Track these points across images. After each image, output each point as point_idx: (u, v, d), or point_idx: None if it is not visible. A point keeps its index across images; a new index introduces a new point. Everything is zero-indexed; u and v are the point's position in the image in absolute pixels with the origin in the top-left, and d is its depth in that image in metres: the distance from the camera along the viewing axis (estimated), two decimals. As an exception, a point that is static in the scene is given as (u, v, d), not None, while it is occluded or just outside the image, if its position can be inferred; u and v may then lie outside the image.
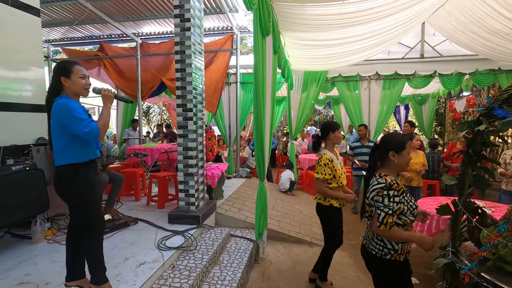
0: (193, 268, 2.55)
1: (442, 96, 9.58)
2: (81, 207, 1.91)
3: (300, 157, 7.43)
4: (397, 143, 1.72)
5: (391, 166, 1.73)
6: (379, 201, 1.64)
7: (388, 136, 1.82)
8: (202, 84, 3.74)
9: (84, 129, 1.76)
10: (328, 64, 5.93)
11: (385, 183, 1.64)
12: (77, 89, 1.90)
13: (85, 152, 1.90)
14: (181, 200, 3.51)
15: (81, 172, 1.87)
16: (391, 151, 1.71)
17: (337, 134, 2.71)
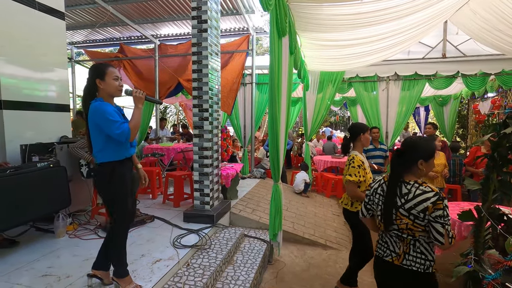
0: (207, 266, 2.58)
1: (465, 97, 9.22)
2: (114, 203, 2.03)
3: (315, 159, 7.35)
4: (427, 152, 1.58)
5: (419, 173, 1.59)
6: (444, 216, 1.45)
7: (415, 142, 1.63)
8: (218, 84, 3.77)
9: (116, 131, 1.87)
10: (345, 65, 5.83)
11: (435, 192, 1.48)
12: (110, 90, 1.99)
13: (120, 151, 2.01)
14: (196, 199, 3.55)
15: (117, 170, 1.99)
16: (420, 160, 1.56)
17: (367, 135, 2.63)
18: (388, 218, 1.59)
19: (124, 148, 2.03)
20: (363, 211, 1.81)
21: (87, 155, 3.35)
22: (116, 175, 1.99)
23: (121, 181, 2.01)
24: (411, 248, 1.58)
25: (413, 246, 1.57)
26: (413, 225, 1.52)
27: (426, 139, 1.64)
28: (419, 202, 1.49)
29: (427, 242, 1.56)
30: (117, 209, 2.03)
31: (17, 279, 2.18)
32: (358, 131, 2.61)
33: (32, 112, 3.50)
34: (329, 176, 6.33)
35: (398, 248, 1.62)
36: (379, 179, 1.76)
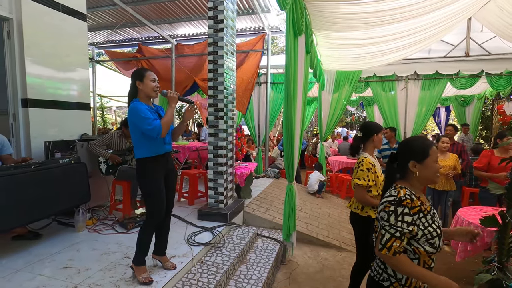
0: (220, 265, 2.60)
1: (489, 98, 8.84)
2: (146, 197, 2.19)
3: (330, 159, 7.25)
4: (418, 151, 1.34)
5: (414, 178, 1.36)
6: (384, 218, 1.29)
7: (406, 142, 1.44)
8: (233, 84, 3.79)
9: (147, 127, 2.01)
10: (362, 64, 5.72)
11: (395, 197, 1.29)
12: (147, 91, 2.12)
13: (153, 147, 2.14)
14: (211, 197, 3.59)
15: (149, 166, 2.14)
16: (411, 161, 1.34)
17: (380, 136, 2.46)
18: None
19: (157, 145, 2.15)
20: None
21: (106, 153, 3.45)
22: (148, 171, 2.13)
23: (153, 177, 2.14)
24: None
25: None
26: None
27: (420, 138, 1.44)
28: (380, 204, 1.36)
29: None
30: (148, 203, 2.20)
31: (40, 270, 2.28)
32: (372, 131, 2.42)
33: (55, 110, 3.64)
34: (344, 177, 6.23)
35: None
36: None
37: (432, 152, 1.34)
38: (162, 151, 2.19)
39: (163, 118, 2.09)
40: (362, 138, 2.47)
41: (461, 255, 2.83)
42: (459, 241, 1.44)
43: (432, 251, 1.28)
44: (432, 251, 1.28)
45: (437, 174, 1.36)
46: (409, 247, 1.30)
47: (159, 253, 2.39)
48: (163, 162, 2.21)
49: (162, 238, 2.38)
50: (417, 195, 1.34)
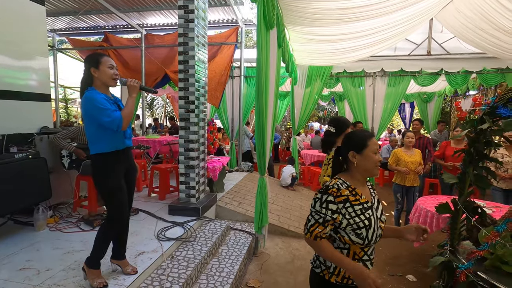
0: (191, 259, 2.58)
1: (448, 95, 9.47)
2: (107, 199, 1.99)
3: (302, 153, 7.42)
4: (356, 141, 1.39)
5: (354, 169, 1.39)
6: (311, 205, 1.35)
7: (348, 133, 1.49)
8: (205, 77, 3.73)
9: (106, 118, 1.83)
10: (333, 59, 5.87)
11: (325, 186, 1.35)
12: (105, 79, 1.94)
13: (113, 142, 1.96)
14: (182, 192, 3.53)
15: (109, 163, 1.95)
16: (351, 151, 1.38)
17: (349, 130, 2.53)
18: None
19: (118, 139, 1.98)
20: None
21: (70, 146, 3.26)
22: (108, 169, 1.95)
23: (113, 175, 1.96)
24: None
25: None
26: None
27: (361, 130, 1.48)
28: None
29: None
30: (110, 207, 2.00)
31: (-6, 272, 2.12)
32: (344, 126, 2.40)
33: (10, 101, 3.35)
34: (316, 170, 6.40)
35: None
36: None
37: (370, 143, 1.36)
38: (122, 145, 2.02)
39: (123, 109, 1.93)
40: (336, 133, 2.42)
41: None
42: (410, 239, 1.47)
43: (358, 242, 1.30)
44: (359, 241, 1.30)
45: (376, 166, 1.38)
46: (335, 236, 1.34)
47: (118, 257, 2.18)
48: (123, 158, 2.03)
49: (121, 241, 2.18)
50: (354, 186, 1.36)
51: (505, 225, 1.75)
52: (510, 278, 1.65)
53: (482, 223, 1.95)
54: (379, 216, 1.40)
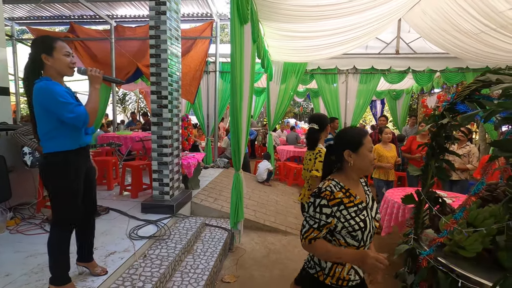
0: (165, 257, 2.53)
1: (415, 92, 9.96)
2: (60, 200, 1.78)
3: (278, 148, 7.50)
4: (352, 139, 1.34)
5: (349, 169, 1.35)
6: (305, 210, 1.32)
7: (341, 131, 1.44)
8: (178, 71, 3.64)
9: (69, 114, 1.64)
10: (307, 56, 5.96)
11: (316, 189, 1.31)
12: (61, 68, 1.73)
13: (75, 138, 1.77)
14: (155, 189, 3.45)
15: (70, 161, 1.76)
16: (346, 150, 1.33)
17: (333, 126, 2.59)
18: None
19: (79, 136, 1.80)
20: None
21: (33, 143, 3.06)
22: (70, 168, 1.75)
23: (76, 174, 1.79)
24: None
25: None
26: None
27: (354, 128, 1.45)
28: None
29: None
30: (61, 209, 1.79)
31: None
32: (325, 122, 2.48)
33: (-39, 94, 3.09)
34: (291, 165, 6.51)
35: None
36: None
37: (366, 141, 1.33)
38: (84, 142, 1.83)
39: (87, 103, 1.73)
40: (319, 130, 2.48)
41: (386, 231, 3.21)
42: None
43: (354, 244, 1.28)
44: (354, 244, 1.28)
45: (371, 164, 1.35)
46: (331, 238, 1.32)
47: (85, 259, 2.04)
48: (84, 157, 1.87)
49: (87, 243, 2.04)
50: (348, 187, 1.33)
51: (461, 213, 1.88)
52: (466, 261, 1.78)
53: (443, 212, 2.09)
54: (373, 215, 1.39)
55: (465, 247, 1.77)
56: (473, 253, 1.78)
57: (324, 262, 1.34)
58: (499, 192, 1.95)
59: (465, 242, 1.77)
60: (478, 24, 4.17)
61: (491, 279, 1.49)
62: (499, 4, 3.62)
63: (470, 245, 1.75)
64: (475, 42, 4.67)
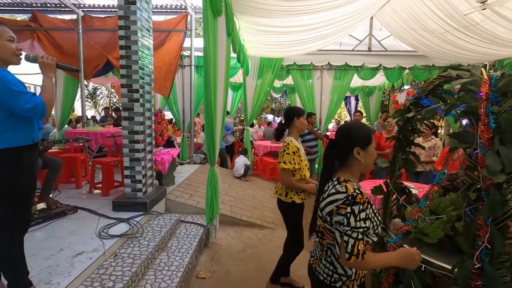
0: (137, 255, 2.46)
1: (387, 89, 10.35)
2: (13, 198, 1.62)
3: (255, 144, 7.51)
4: (363, 137, 1.28)
5: (355, 166, 1.30)
6: (343, 224, 1.16)
7: (350, 128, 1.34)
8: (151, 64, 3.52)
9: (25, 105, 1.51)
10: (283, 52, 5.99)
11: (346, 194, 1.18)
12: (5, 55, 1.57)
13: (27, 133, 1.63)
14: (127, 186, 3.33)
15: (24, 158, 1.61)
16: (356, 148, 1.27)
17: (302, 120, 2.43)
18: (312, 218, 1.43)
19: (32, 129, 1.67)
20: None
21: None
22: (23, 165, 1.61)
23: (29, 172, 1.65)
24: (323, 255, 1.36)
25: (325, 254, 1.35)
26: (324, 228, 1.31)
27: (360, 123, 1.40)
28: (328, 203, 1.24)
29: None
30: (16, 209, 1.63)
31: None
32: (292, 115, 2.44)
33: None
34: (268, 160, 6.55)
35: (318, 252, 1.43)
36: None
37: (373, 138, 1.33)
38: (37, 137, 1.72)
39: (42, 93, 1.59)
40: (284, 123, 2.50)
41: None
42: None
43: (375, 240, 1.28)
44: (376, 239, 1.28)
45: (375, 160, 1.35)
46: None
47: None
48: (36, 153, 1.75)
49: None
50: (357, 184, 1.29)
51: (425, 202, 1.98)
52: (429, 247, 1.88)
53: (409, 201, 2.19)
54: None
55: (428, 234, 1.87)
56: (436, 239, 1.88)
57: (349, 270, 1.28)
58: (459, 181, 2.07)
59: (428, 229, 1.86)
60: (443, 24, 4.39)
61: (451, 262, 1.58)
62: (462, 5, 3.82)
63: (432, 232, 1.85)
64: (440, 41, 4.92)
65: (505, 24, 3.94)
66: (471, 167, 1.51)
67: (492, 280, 1.35)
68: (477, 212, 1.43)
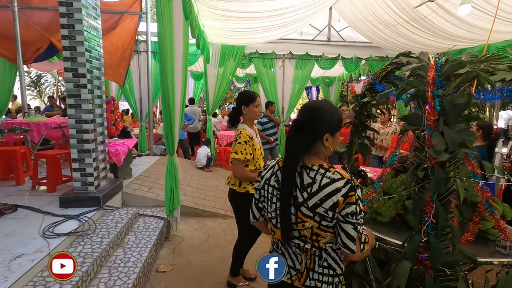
0: (89, 253, 2.28)
1: (345, 80, 10.77)
2: None
3: (219, 134, 7.41)
4: (335, 122, 1.12)
5: (321, 153, 1.12)
6: (356, 213, 1.01)
7: (321, 110, 1.12)
8: (99, 46, 3.22)
9: None
10: (245, 39, 5.89)
11: (345, 179, 1.02)
12: None
13: None
14: (77, 180, 3.06)
15: None
16: (327, 134, 1.09)
17: (252, 108, 2.22)
18: (286, 222, 1.10)
19: None
20: (254, 213, 1.29)
21: None
22: None
23: None
24: (316, 262, 1.11)
25: (319, 259, 1.11)
26: (319, 228, 1.07)
27: (331, 104, 1.17)
28: (327, 195, 1.02)
29: (335, 250, 1.12)
30: None
31: None
32: (241, 102, 2.23)
33: None
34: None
35: (299, 263, 1.14)
36: (272, 164, 1.22)
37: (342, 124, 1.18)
38: None
39: None
40: (235, 109, 2.31)
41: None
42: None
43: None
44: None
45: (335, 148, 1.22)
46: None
47: None
48: None
49: None
50: None
51: (379, 183, 2.08)
52: (382, 226, 1.98)
53: (364, 183, 2.29)
54: None
55: (382, 213, 1.97)
56: (388, 218, 1.99)
57: (341, 267, 1.15)
58: (408, 163, 2.21)
59: (382, 209, 1.96)
60: (395, 16, 4.62)
61: (401, 238, 1.68)
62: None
63: (385, 211, 1.95)
64: (393, 33, 5.18)
65: (448, 17, 4.26)
66: (419, 148, 1.60)
67: (436, 252, 1.46)
68: (424, 189, 1.52)
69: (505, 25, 3.96)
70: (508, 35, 4.31)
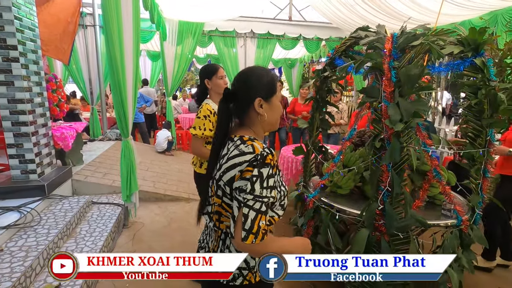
0: (33, 247, 2.06)
1: (307, 62, 10.88)
2: None
3: (180, 117, 7.12)
4: (266, 84, 0.98)
5: (258, 123, 1.00)
6: (245, 190, 0.87)
7: (249, 72, 1.01)
8: (33, 15, 2.81)
9: None
10: (203, 16, 5.59)
11: (254, 154, 0.89)
12: None
13: None
14: (15, 168, 2.72)
15: None
16: (258, 98, 0.97)
17: (216, 80, 2.03)
18: (204, 195, 1.05)
19: None
20: None
21: None
22: None
23: None
24: (219, 245, 1.00)
25: (222, 244, 1.00)
26: (221, 206, 0.97)
27: (262, 67, 1.05)
28: (229, 168, 0.92)
29: None
30: None
31: None
32: (203, 77, 2.06)
33: None
34: (194, 133, 6.28)
35: (210, 242, 1.05)
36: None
37: (278, 88, 1.04)
38: None
39: None
40: (200, 85, 2.14)
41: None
42: None
43: (281, 214, 1.00)
44: (282, 213, 1.00)
45: (280, 117, 1.08)
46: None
47: None
48: None
49: None
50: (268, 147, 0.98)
51: (339, 157, 2.13)
52: (342, 198, 2.05)
53: (325, 158, 2.33)
54: None
55: (342, 186, 2.03)
56: (348, 190, 2.05)
57: (252, 260, 0.96)
58: (366, 137, 2.28)
59: (342, 182, 2.01)
60: (353, -4, 4.68)
61: (360, 208, 1.74)
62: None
63: (345, 183, 2.01)
64: (351, 14, 5.27)
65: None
66: (376, 120, 1.63)
67: (391, 217, 1.53)
68: (381, 159, 1.57)
69: (452, 8, 4.21)
70: (456, 18, 4.59)
